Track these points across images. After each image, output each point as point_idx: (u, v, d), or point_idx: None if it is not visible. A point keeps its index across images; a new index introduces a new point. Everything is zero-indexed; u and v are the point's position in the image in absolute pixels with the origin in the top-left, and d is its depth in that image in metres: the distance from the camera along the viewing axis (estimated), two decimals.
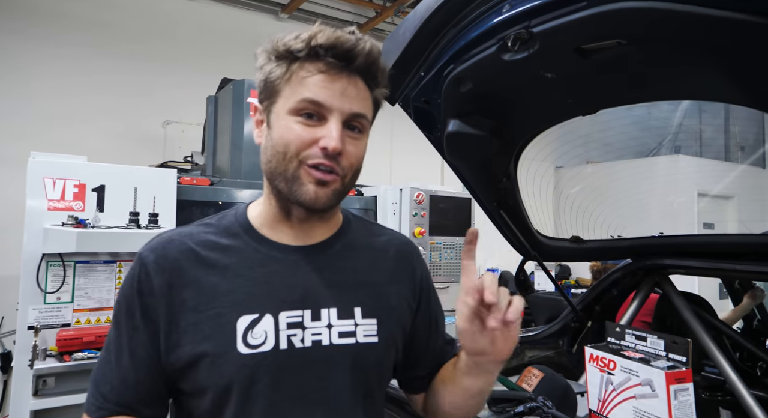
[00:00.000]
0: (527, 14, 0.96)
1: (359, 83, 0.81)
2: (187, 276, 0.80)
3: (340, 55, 0.78)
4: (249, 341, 0.78)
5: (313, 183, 0.78)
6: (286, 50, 0.79)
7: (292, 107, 0.78)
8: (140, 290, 0.80)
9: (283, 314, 0.80)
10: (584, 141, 1.76)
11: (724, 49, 0.87)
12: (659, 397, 0.99)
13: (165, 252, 0.82)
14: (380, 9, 5.87)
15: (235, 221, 0.87)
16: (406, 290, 0.93)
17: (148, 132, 4.78)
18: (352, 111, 0.79)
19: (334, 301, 0.83)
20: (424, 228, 3.09)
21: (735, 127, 3.86)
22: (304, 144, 0.78)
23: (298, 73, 0.79)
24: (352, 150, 0.81)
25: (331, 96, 0.77)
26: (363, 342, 0.83)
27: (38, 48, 4.39)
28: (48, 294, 2.37)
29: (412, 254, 0.98)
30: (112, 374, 0.79)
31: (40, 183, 2.40)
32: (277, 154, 0.79)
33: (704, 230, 5.06)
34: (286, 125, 0.79)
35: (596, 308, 1.96)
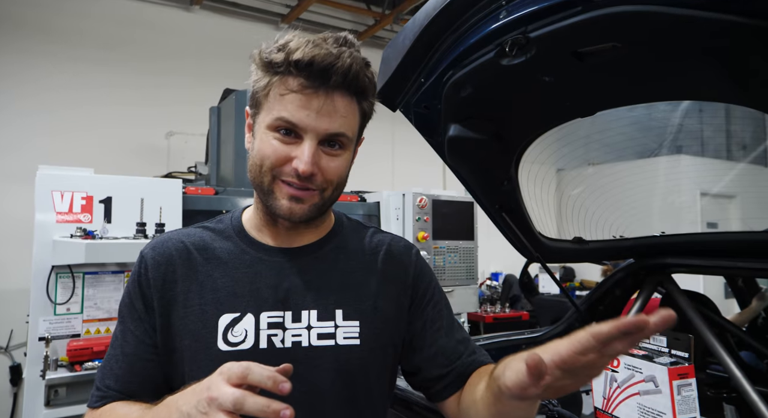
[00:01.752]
0: (523, 20, 0.98)
1: (339, 100, 0.78)
2: (179, 272, 0.84)
3: (316, 73, 0.76)
4: (229, 338, 0.80)
5: (286, 199, 0.80)
6: (268, 62, 0.79)
7: (269, 124, 0.79)
8: (140, 283, 0.84)
9: (264, 314, 0.82)
10: (585, 143, 1.78)
11: (716, 50, 0.90)
12: (662, 392, 1.01)
13: (162, 249, 0.86)
14: (379, 17, 5.93)
15: (230, 223, 0.91)
16: (397, 290, 0.91)
17: (151, 143, 4.83)
18: (329, 131, 0.78)
19: (314, 303, 0.84)
20: (428, 232, 3.11)
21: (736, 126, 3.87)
22: (279, 161, 0.78)
23: (277, 89, 0.78)
24: (330, 166, 0.80)
25: (306, 116, 0.77)
26: (343, 344, 0.83)
27: (43, 63, 4.46)
28: (58, 305, 2.39)
29: (405, 254, 0.95)
30: (117, 365, 0.83)
31: (49, 196, 2.43)
32: (254, 166, 0.81)
33: (708, 229, 5.06)
34: (265, 140, 0.80)
35: (600, 308, 1.97)
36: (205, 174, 3.74)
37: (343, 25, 6.22)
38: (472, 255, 3.31)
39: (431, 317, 0.93)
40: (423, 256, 3.05)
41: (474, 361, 0.92)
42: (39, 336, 2.34)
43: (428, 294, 0.95)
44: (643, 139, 2.51)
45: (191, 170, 4.03)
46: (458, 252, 3.24)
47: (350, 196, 3.37)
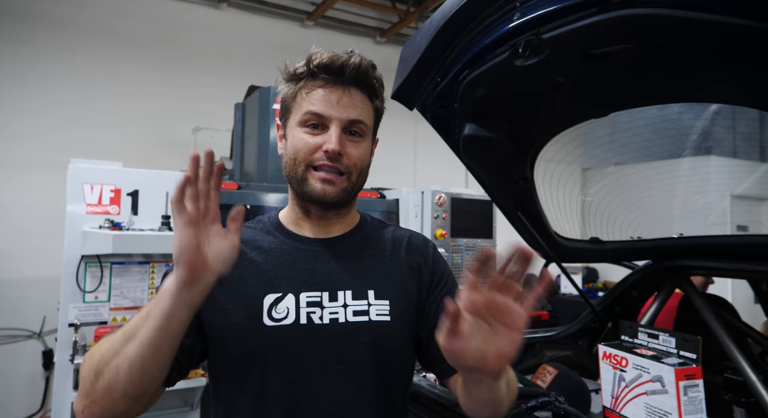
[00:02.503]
0: (537, 21, 0.99)
1: (355, 93, 0.96)
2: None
3: (333, 71, 0.94)
4: (273, 315, 0.90)
5: (319, 182, 0.94)
6: (293, 74, 0.97)
7: (299, 120, 0.95)
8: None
9: (304, 294, 0.93)
10: (613, 144, 1.76)
11: (732, 54, 0.89)
12: (669, 393, 1.01)
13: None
14: (404, 14, 5.93)
15: (268, 222, 1.04)
16: (419, 276, 1.02)
17: (179, 138, 4.94)
18: (350, 118, 0.94)
19: (348, 284, 0.95)
20: (446, 230, 3.12)
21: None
22: (310, 150, 0.94)
23: (302, 92, 0.96)
24: (353, 151, 0.95)
25: (329, 107, 0.93)
26: (376, 320, 0.93)
27: (75, 58, 4.60)
28: (87, 293, 2.50)
29: (425, 246, 1.08)
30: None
31: (79, 188, 2.53)
32: (290, 161, 0.96)
33: (738, 232, 4.91)
34: (296, 136, 0.95)
35: (617, 309, 1.96)
36: (229, 169, 3.83)
37: (368, 23, 6.25)
38: None
39: (436, 295, 1.02)
40: (440, 253, 3.09)
41: None
42: (69, 322, 2.45)
43: (443, 281, 1.05)
44: (672, 140, 2.47)
45: None
46: (476, 250, 3.25)
47: (370, 192, 3.41)
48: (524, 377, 1.34)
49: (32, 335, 4.17)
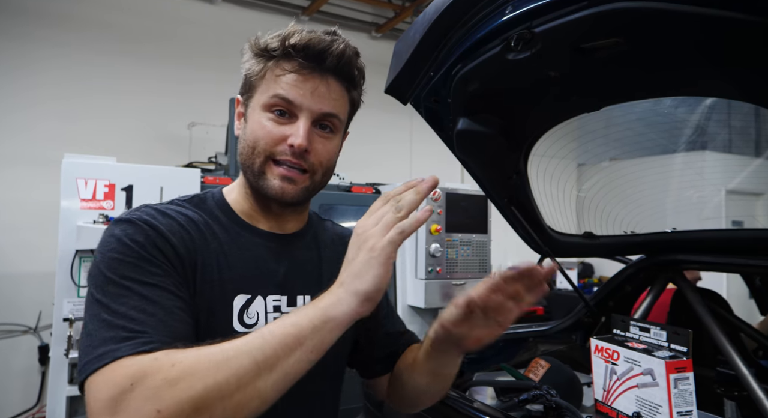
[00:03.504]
0: (529, 15, 0.99)
1: (333, 83, 0.84)
2: (197, 244, 0.79)
3: (311, 55, 0.81)
4: (245, 319, 0.81)
5: (278, 179, 0.82)
6: (264, 48, 0.83)
7: (264, 103, 0.82)
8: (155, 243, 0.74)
9: (270, 297, 0.84)
10: (607, 139, 1.76)
11: (723, 47, 0.89)
12: (660, 385, 1.02)
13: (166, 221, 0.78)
14: (399, 9, 5.91)
15: (215, 206, 0.88)
16: None
17: (174, 133, 4.92)
18: (322, 111, 0.82)
19: (307, 288, 0.89)
20: (441, 225, 3.13)
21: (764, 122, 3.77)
22: (273, 141, 0.81)
23: (273, 71, 0.82)
24: (321, 148, 0.84)
25: (302, 95, 0.81)
26: None
27: (69, 54, 4.57)
28: (81, 288, 2.49)
29: None
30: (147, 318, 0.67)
31: (73, 183, 2.52)
32: (247, 148, 0.83)
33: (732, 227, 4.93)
34: (258, 120, 0.82)
35: (610, 304, 1.97)
36: (224, 164, 3.82)
37: (363, 18, 6.23)
38: (485, 249, 3.31)
39: (382, 303, 1.03)
40: (436, 248, 3.08)
41: (408, 340, 1.04)
42: (63, 317, 2.44)
43: None
44: (667, 135, 2.47)
45: (211, 160, 4.11)
46: (471, 245, 3.25)
47: (365, 188, 3.40)
48: (517, 370, 1.34)
49: (28, 330, 4.16)
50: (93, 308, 0.69)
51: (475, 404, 1.22)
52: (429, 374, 0.89)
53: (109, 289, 0.69)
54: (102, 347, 0.63)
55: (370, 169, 5.12)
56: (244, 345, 0.62)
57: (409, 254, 3.17)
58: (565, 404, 1.11)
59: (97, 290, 0.70)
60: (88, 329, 0.68)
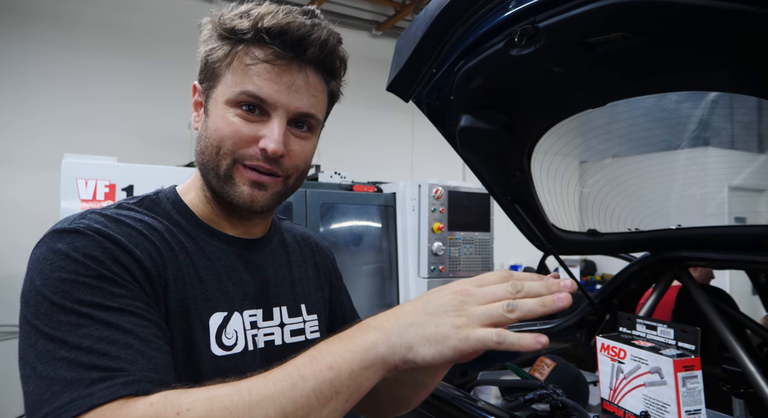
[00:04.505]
0: (532, 10, 0.98)
1: (312, 76, 0.71)
2: (165, 255, 0.67)
3: (290, 43, 0.68)
4: (224, 341, 0.69)
5: (248, 185, 0.70)
6: (230, 29, 0.70)
7: (231, 98, 0.69)
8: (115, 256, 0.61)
9: (246, 312, 0.74)
10: (610, 135, 1.75)
11: (727, 40, 0.88)
12: (668, 384, 1.01)
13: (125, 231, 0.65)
14: (399, 7, 5.89)
15: (172, 208, 0.75)
16: (328, 281, 0.94)
17: (174, 133, 4.92)
18: (300, 110, 0.71)
19: (283, 299, 0.80)
20: (443, 224, 3.11)
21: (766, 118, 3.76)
22: (242, 142, 0.69)
23: (242, 59, 0.69)
24: (298, 150, 0.73)
25: (277, 91, 0.68)
26: (311, 339, 0.82)
27: (70, 55, 4.57)
28: None
29: (325, 247, 0.98)
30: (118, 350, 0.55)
31: (73, 184, 2.52)
32: (210, 148, 0.71)
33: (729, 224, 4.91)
34: (224, 117, 0.70)
35: (614, 301, 1.96)
36: None
37: (364, 16, 6.21)
38: (488, 247, 3.30)
39: (347, 304, 0.99)
40: (439, 247, 3.07)
41: None
42: None
43: (342, 284, 1.00)
44: (670, 131, 2.46)
45: None
46: (474, 243, 3.24)
47: (367, 186, 3.39)
48: (522, 369, 1.33)
49: None
50: (39, 345, 0.55)
51: (481, 403, 1.21)
52: (412, 385, 0.80)
53: (60, 318, 0.55)
54: (67, 392, 0.50)
55: (371, 167, 5.10)
56: (268, 389, 0.50)
57: (412, 253, 3.16)
58: (572, 403, 1.10)
59: (41, 320, 0.56)
60: (37, 371, 0.54)
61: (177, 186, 0.80)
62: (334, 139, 4.00)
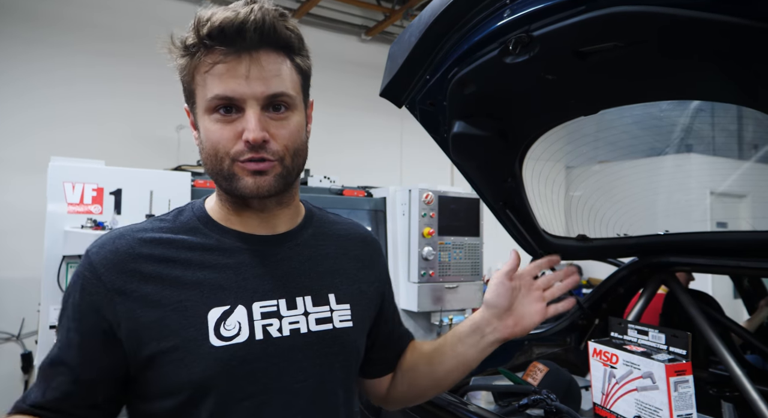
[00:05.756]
0: (527, 19, 0.99)
1: (267, 57, 0.75)
2: (145, 270, 0.76)
3: (230, 38, 0.72)
4: (222, 333, 0.75)
5: (249, 176, 0.76)
6: (183, 46, 0.76)
7: (206, 107, 0.76)
8: (84, 288, 0.75)
9: (257, 304, 0.78)
10: (595, 141, 1.78)
11: (719, 52, 0.90)
12: (660, 389, 1.02)
13: (115, 247, 0.77)
14: (389, 12, 5.92)
15: (193, 215, 0.84)
16: (374, 274, 0.97)
17: (162, 136, 4.87)
18: (266, 93, 0.74)
19: (307, 289, 0.84)
20: (433, 228, 3.12)
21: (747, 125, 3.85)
22: (230, 141, 0.75)
23: (200, 71, 0.75)
24: (281, 132, 0.77)
25: (237, 85, 0.73)
26: (340, 327, 0.85)
27: (55, 55, 4.51)
28: None
29: (374, 241, 1.03)
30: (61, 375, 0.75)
31: (60, 187, 2.48)
32: (209, 156, 0.77)
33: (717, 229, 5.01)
34: (208, 127, 0.76)
35: (603, 306, 1.98)
36: None
37: (353, 21, 6.23)
38: (478, 251, 3.32)
39: (391, 303, 1.03)
40: (429, 251, 3.09)
41: (408, 339, 1.06)
42: (50, 324, 2.39)
43: (390, 282, 1.04)
44: (654, 137, 2.50)
45: (201, 164, 4.07)
46: (463, 248, 3.25)
47: (357, 191, 3.39)
48: (515, 374, 1.34)
49: (10, 337, 4.07)
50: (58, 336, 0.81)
51: (476, 409, 1.21)
52: (454, 358, 0.94)
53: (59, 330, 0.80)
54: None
55: (360, 172, 5.11)
56: None
57: (402, 258, 3.17)
58: (565, 408, 1.11)
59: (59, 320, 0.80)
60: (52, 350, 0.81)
61: (207, 197, 0.90)
62: (323, 144, 3.99)
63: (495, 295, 0.90)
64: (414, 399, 1.02)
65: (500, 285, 0.90)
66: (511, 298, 0.91)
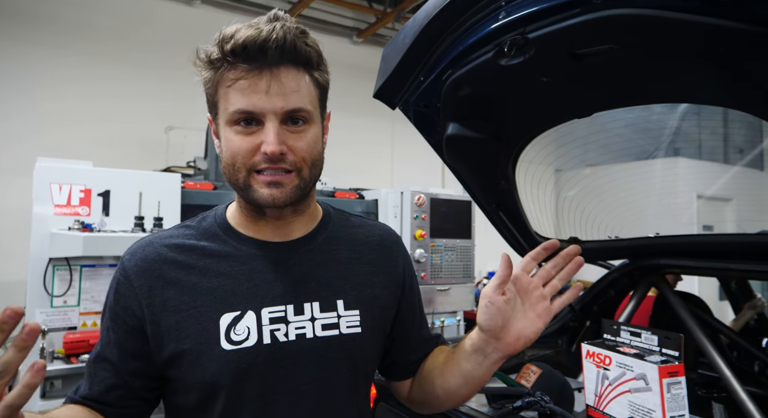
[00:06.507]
0: (522, 21, 0.99)
1: (287, 73, 0.78)
2: (168, 276, 0.83)
3: (253, 55, 0.76)
4: (232, 337, 0.80)
5: (265, 187, 0.79)
6: (208, 61, 0.80)
7: (228, 119, 0.79)
8: (118, 291, 0.84)
9: (266, 310, 0.82)
10: (584, 144, 1.79)
11: (712, 54, 0.91)
12: (653, 390, 1.02)
13: (144, 254, 0.85)
14: (381, 15, 5.93)
15: (214, 222, 0.90)
16: (390, 279, 0.96)
17: (151, 138, 4.83)
18: (285, 109, 0.78)
19: (315, 295, 0.86)
20: (425, 231, 3.12)
21: (733, 130, 3.91)
22: (248, 153, 0.79)
23: (224, 85, 0.79)
24: (299, 144, 0.80)
25: (258, 100, 0.77)
26: (346, 333, 0.86)
27: (43, 55, 4.45)
28: (55, 297, 2.40)
29: (395, 243, 1.01)
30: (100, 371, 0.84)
31: (47, 188, 2.44)
32: (228, 166, 0.81)
33: (704, 232, 5.08)
34: (229, 137, 0.80)
35: (594, 308, 1.99)
36: (204, 169, 3.75)
37: (345, 23, 6.23)
38: (469, 254, 3.33)
39: (414, 304, 1.02)
40: (421, 254, 3.08)
41: (436, 343, 1.04)
42: None
43: (413, 284, 1.03)
44: (642, 141, 2.52)
45: (190, 165, 4.04)
46: (455, 250, 3.26)
47: (349, 193, 3.38)
48: (508, 376, 1.34)
49: None
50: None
51: (470, 411, 1.21)
52: (461, 376, 0.90)
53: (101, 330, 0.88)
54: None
55: (352, 174, 5.10)
56: None
57: None
58: (560, 410, 1.11)
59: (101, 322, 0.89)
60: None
61: (230, 204, 0.93)
62: None
63: (486, 318, 0.83)
64: (434, 407, 0.99)
65: (490, 306, 0.82)
66: (505, 314, 0.82)
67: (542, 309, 0.83)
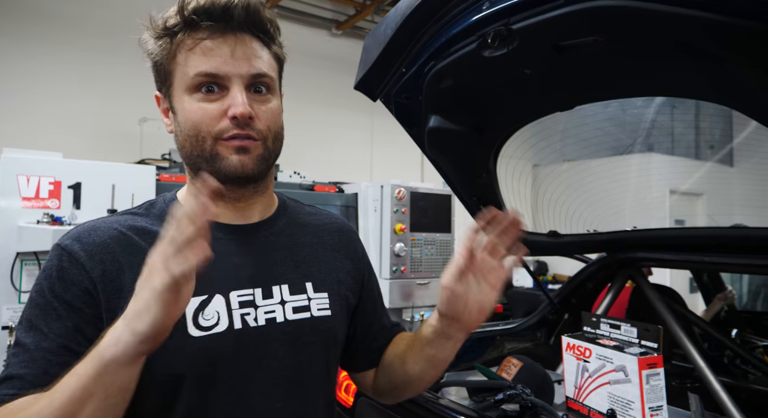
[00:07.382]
0: (507, 11, 0.98)
1: (249, 40, 0.77)
2: (122, 260, 0.75)
3: (217, 15, 0.74)
4: (200, 322, 0.74)
5: (234, 153, 0.76)
6: (164, 27, 0.76)
7: (188, 86, 0.75)
8: (63, 278, 0.73)
9: (234, 293, 0.78)
10: (561, 139, 1.81)
11: (697, 47, 0.91)
12: (632, 382, 1.03)
13: (91, 239, 0.76)
14: (360, 7, 5.88)
15: (165, 206, 0.83)
16: (352, 264, 0.95)
17: (124, 129, 4.70)
18: (251, 72, 0.76)
19: (284, 277, 0.83)
20: (405, 224, 3.12)
21: (704, 125, 4.00)
22: (214, 120, 0.75)
23: (182, 49, 0.75)
24: (264, 111, 0.78)
25: (223, 62, 0.74)
26: (317, 316, 0.83)
27: (10, 43, 4.28)
28: (23, 293, 2.32)
29: (352, 231, 1.00)
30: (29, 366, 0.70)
31: (14, 180, 2.35)
32: (189, 138, 0.76)
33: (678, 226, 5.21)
34: (190, 106, 0.76)
35: (572, 300, 2.01)
36: (179, 162, 3.67)
37: (324, 14, 6.16)
38: (449, 248, 3.33)
39: (377, 293, 1.01)
40: (401, 248, 3.07)
41: (396, 331, 1.02)
42: (2, 325, 2.27)
43: (372, 272, 1.02)
44: (617, 136, 2.55)
45: (165, 157, 3.95)
46: (435, 244, 3.26)
47: (328, 186, 3.35)
48: (490, 370, 1.34)
49: None
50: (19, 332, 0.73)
51: (451, 404, 1.20)
52: (425, 360, 0.88)
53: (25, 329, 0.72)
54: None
55: (331, 167, 5.06)
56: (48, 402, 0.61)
57: (374, 254, 3.15)
58: (540, 403, 1.11)
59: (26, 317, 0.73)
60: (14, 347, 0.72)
61: (179, 189, 0.88)
62: (293, 138, 3.92)
63: (446, 304, 0.80)
64: (401, 394, 0.98)
65: (451, 296, 0.80)
66: (464, 296, 0.79)
67: (495, 279, 0.79)
